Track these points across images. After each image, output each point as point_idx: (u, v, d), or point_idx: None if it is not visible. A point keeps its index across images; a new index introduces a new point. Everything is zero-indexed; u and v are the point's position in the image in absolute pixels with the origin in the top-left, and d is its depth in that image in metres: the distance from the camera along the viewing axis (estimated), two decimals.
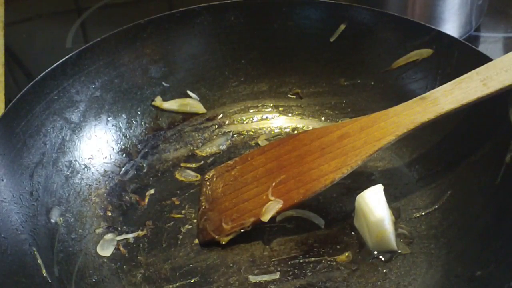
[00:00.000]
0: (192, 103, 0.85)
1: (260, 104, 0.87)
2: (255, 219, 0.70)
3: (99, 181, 0.77)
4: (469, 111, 0.72)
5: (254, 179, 0.73)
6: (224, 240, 0.71)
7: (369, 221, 0.68)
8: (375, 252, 0.69)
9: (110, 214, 0.75)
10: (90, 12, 1.11)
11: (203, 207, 0.74)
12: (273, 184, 0.71)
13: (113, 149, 0.80)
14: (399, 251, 0.69)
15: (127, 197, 0.77)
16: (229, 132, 0.85)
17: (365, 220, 0.69)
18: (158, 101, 0.84)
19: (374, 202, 0.68)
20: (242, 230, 0.71)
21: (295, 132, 0.85)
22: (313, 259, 0.69)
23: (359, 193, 0.70)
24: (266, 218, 0.70)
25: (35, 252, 0.65)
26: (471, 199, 0.70)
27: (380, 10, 0.83)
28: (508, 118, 0.68)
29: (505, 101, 0.69)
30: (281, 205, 0.70)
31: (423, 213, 0.73)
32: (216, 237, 0.71)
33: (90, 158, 0.77)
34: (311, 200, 0.71)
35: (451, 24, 0.95)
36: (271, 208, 0.70)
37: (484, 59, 0.71)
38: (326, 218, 0.73)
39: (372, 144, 0.69)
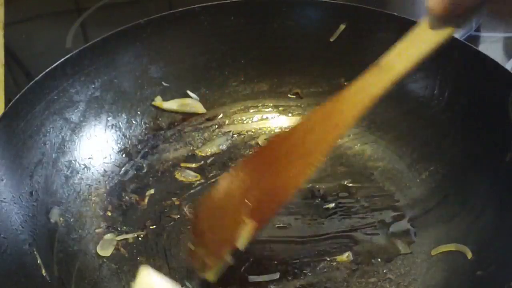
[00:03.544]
0: (192, 103, 0.85)
1: (260, 104, 0.87)
2: (232, 248, 0.64)
3: (99, 181, 0.77)
4: (469, 111, 0.72)
5: (229, 205, 0.67)
6: (211, 278, 0.66)
7: None
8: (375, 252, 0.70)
9: (110, 214, 0.75)
10: (90, 12, 1.11)
11: (191, 247, 0.68)
12: (245, 206, 0.65)
13: (113, 149, 0.80)
14: (400, 251, 0.69)
15: (127, 197, 0.77)
16: (229, 132, 0.85)
17: None
18: (158, 101, 0.84)
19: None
20: (225, 264, 0.65)
21: None
22: (313, 259, 0.69)
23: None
24: (241, 245, 0.64)
25: (35, 252, 0.65)
26: (471, 199, 0.70)
27: (380, 10, 0.82)
28: (508, 118, 0.68)
29: (505, 101, 0.69)
30: (253, 227, 0.63)
31: (423, 213, 0.73)
32: (204, 275, 0.66)
33: (90, 158, 0.77)
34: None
35: None
36: (245, 233, 0.64)
37: (484, 59, 0.71)
38: (326, 218, 0.73)
39: (331, 134, 0.63)
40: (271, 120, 0.86)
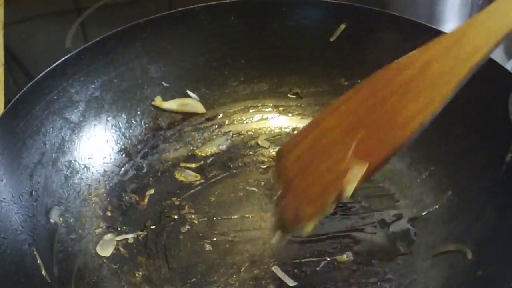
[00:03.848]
0: (192, 103, 0.85)
1: (260, 104, 0.87)
2: (337, 195, 0.56)
3: (99, 181, 0.77)
4: (469, 111, 0.72)
5: (329, 145, 0.58)
6: (306, 231, 0.58)
7: None
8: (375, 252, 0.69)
9: (109, 214, 0.75)
10: (90, 12, 1.11)
11: (279, 193, 0.61)
12: (352, 145, 0.56)
13: (112, 149, 0.80)
14: (400, 251, 0.69)
15: (126, 197, 0.77)
16: (229, 132, 0.85)
17: None
18: (158, 101, 0.84)
19: None
20: (324, 215, 0.58)
21: (295, 132, 0.85)
22: (313, 259, 0.69)
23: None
24: (349, 191, 0.55)
25: (35, 252, 0.65)
26: (471, 199, 0.70)
27: (380, 10, 0.82)
28: (508, 118, 0.68)
29: (505, 101, 0.69)
30: (365, 169, 0.54)
31: (423, 213, 0.73)
32: (296, 227, 0.59)
33: (89, 158, 0.77)
34: None
35: (451, 24, 0.95)
36: (354, 176, 0.55)
37: None
38: (326, 218, 0.73)
39: (463, 64, 0.54)
40: (271, 120, 0.86)
